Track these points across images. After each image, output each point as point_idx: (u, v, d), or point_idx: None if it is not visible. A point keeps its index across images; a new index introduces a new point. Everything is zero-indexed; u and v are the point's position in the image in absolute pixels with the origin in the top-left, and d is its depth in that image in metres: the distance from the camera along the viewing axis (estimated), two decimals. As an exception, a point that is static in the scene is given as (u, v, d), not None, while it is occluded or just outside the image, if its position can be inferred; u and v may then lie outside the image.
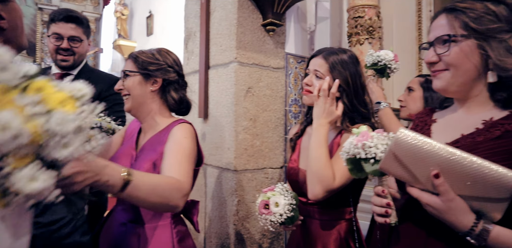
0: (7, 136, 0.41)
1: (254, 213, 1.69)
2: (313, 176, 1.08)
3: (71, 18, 1.59)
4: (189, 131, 1.10)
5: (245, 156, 1.66)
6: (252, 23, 1.71)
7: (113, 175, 0.76)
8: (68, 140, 0.48)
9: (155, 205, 0.87)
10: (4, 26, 0.82)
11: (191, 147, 1.06)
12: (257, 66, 1.73)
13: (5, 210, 0.50)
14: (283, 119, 1.83)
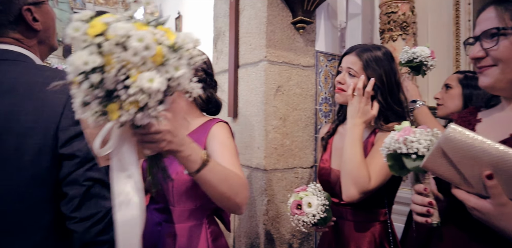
0: (141, 45, 0.54)
1: (284, 213, 1.68)
2: (347, 177, 1.06)
3: None
4: (228, 131, 1.11)
5: (275, 155, 1.65)
6: (281, 21, 1.70)
7: (196, 152, 0.79)
8: (179, 64, 0.59)
9: (223, 196, 0.88)
10: (38, 28, 0.86)
11: (234, 147, 1.07)
12: (287, 64, 1.71)
13: (117, 124, 0.59)
14: (313, 118, 1.80)
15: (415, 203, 0.75)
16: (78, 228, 0.73)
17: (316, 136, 1.82)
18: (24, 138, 0.73)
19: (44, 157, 0.74)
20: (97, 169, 0.78)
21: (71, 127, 0.76)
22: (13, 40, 0.83)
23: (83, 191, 0.74)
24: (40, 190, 0.75)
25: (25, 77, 0.77)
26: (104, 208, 0.76)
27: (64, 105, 0.76)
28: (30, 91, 0.76)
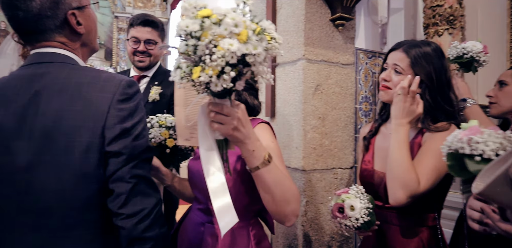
0: (232, 22, 0.66)
1: (323, 214, 1.64)
2: (394, 181, 1.01)
3: (147, 22, 1.68)
4: (271, 133, 1.08)
5: (314, 155, 1.62)
6: (320, 19, 1.66)
7: (260, 150, 0.84)
8: (257, 44, 0.68)
9: (274, 200, 0.88)
10: (81, 31, 0.89)
11: (279, 149, 1.05)
12: (326, 62, 1.67)
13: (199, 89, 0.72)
14: (353, 118, 1.75)
15: (472, 209, 0.70)
16: (125, 224, 0.75)
17: (356, 136, 1.76)
18: (73, 137, 0.76)
19: (92, 155, 0.76)
20: (141, 167, 0.79)
21: (116, 125, 0.78)
22: (59, 44, 0.87)
23: (129, 188, 0.76)
24: (88, 187, 0.77)
25: (72, 78, 0.80)
26: (150, 204, 0.77)
27: (109, 104, 0.78)
28: (78, 91, 0.78)
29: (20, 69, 0.85)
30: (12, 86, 0.80)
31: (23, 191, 0.76)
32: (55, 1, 0.82)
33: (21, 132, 0.76)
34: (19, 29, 0.84)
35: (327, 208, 1.65)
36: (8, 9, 0.81)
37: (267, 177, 0.86)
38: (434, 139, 1.04)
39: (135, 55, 1.72)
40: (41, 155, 0.75)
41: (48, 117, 0.76)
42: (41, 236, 0.76)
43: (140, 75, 1.77)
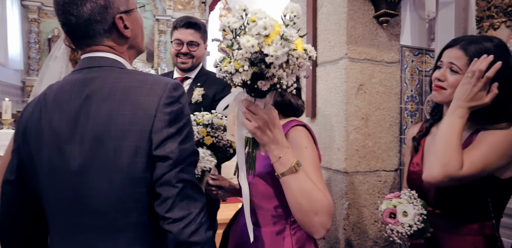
0: (262, 24, 0.73)
1: (366, 218, 1.59)
2: (436, 157, 0.94)
3: (190, 24, 1.71)
4: (306, 137, 1.04)
5: (356, 157, 1.57)
6: (363, 16, 1.60)
7: (287, 157, 0.86)
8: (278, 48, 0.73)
9: (301, 209, 0.89)
10: (128, 35, 0.90)
11: (314, 156, 1.02)
12: (369, 61, 1.61)
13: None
14: (398, 118, 1.68)
15: None
16: (172, 228, 0.75)
17: (401, 137, 1.69)
18: (121, 141, 0.77)
19: (140, 159, 0.77)
20: (188, 171, 0.79)
21: (163, 129, 0.78)
22: (107, 48, 0.88)
23: (176, 192, 0.76)
24: (136, 190, 0.78)
25: (120, 82, 0.81)
26: (196, 209, 0.77)
27: (156, 108, 0.79)
28: (126, 95, 0.79)
29: (71, 74, 0.88)
30: (65, 91, 0.83)
31: (76, 193, 0.78)
32: (104, 6, 0.84)
33: (74, 136, 0.79)
34: (71, 34, 0.87)
35: (370, 212, 1.60)
36: (62, 15, 0.84)
37: (293, 184, 0.87)
38: (490, 133, 0.97)
39: (178, 57, 1.76)
40: (92, 158, 0.77)
41: (98, 121, 0.78)
42: (93, 237, 0.78)
43: (183, 77, 1.81)
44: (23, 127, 0.86)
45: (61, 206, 0.81)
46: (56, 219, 0.83)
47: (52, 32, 7.59)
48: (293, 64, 0.75)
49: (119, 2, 0.87)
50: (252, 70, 0.75)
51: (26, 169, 0.85)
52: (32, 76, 7.35)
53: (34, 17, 7.38)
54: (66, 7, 0.82)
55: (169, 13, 8.35)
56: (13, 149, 0.88)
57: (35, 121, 0.83)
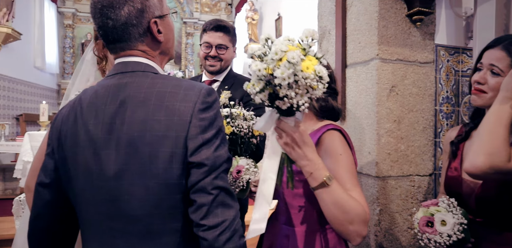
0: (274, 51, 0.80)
1: (399, 224, 1.53)
2: (481, 145, 0.88)
3: (219, 28, 1.71)
4: (340, 142, 1.04)
5: (388, 161, 1.52)
6: (395, 15, 1.55)
7: (319, 173, 0.90)
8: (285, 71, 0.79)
9: (335, 219, 0.92)
10: (161, 39, 0.90)
11: (350, 162, 1.02)
12: (402, 61, 1.55)
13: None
14: (432, 120, 1.61)
15: None
16: (207, 236, 0.74)
17: (436, 140, 1.62)
18: (156, 147, 0.76)
19: (175, 165, 0.77)
20: (222, 178, 0.78)
21: (199, 135, 0.77)
22: (140, 52, 0.87)
23: (211, 200, 0.75)
24: (171, 197, 0.78)
25: (155, 88, 0.81)
26: (230, 216, 0.76)
27: (191, 114, 0.78)
28: (161, 101, 0.79)
29: (106, 79, 0.88)
30: (100, 96, 0.83)
31: (112, 198, 0.78)
32: (141, 9, 0.84)
33: (109, 141, 0.79)
34: (107, 38, 0.87)
35: (403, 218, 1.54)
36: (99, 18, 0.84)
37: (326, 197, 0.91)
38: None
39: (207, 60, 1.76)
40: (127, 164, 0.77)
41: (133, 127, 0.78)
42: (128, 242, 0.78)
43: (211, 80, 1.81)
44: (57, 130, 0.86)
45: (95, 211, 0.81)
46: (90, 224, 0.83)
47: (85, 37, 7.89)
48: (303, 85, 0.80)
49: (154, 6, 0.88)
50: (268, 91, 0.83)
51: (60, 172, 0.86)
52: (66, 79, 7.67)
53: (69, 22, 7.70)
54: (104, 10, 0.83)
55: (196, 16, 8.48)
56: (47, 152, 0.88)
57: (70, 125, 0.84)
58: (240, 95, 1.72)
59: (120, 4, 0.82)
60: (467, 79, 1.68)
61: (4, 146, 4.36)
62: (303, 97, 0.81)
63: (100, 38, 0.90)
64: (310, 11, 3.87)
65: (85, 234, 0.85)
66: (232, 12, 8.55)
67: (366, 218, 0.91)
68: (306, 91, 0.81)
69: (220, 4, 8.59)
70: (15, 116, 5.66)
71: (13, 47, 5.43)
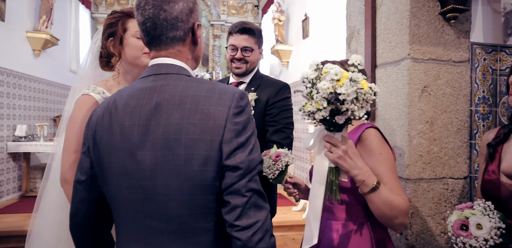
0: (333, 72, 0.92)
1: (431, 228, 1.49)
2: None
3: (244, 30, 1.73)
4: (379, 140, 1.11)
5: (420, 163, 1.48)
6: (427, 13, 1.51)
7: (369, 179, 1.00)
8: (348, 88, 0.90)
9: (384, 216, 1.02)
10: (197, 41, 0.92)
11: (389, 159, 1.09)
12: (434, 61, 1.51)
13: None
14: (467, 122, 1.55)
15: None
16: (240, 236, 0.76)
17: (472, 142, 1.56)
18: (192, 149, 0.78)
19: (210, 168, 0.78)
20: (255, 180, 0.79)
21: (233, 139, 0.79)
22: (176, 52, 0.89)
23: (245, 201, 0.77)
24: (204, 198, 0.79)
25: (189, 91, 0.82)
26: (262, 217, 0.77)
27: (226, 118, 0.79)
28: (195, 104, 0.80)
29: (139, 80, 0.90)
30: (135, 98, 0.85)
31: (147, 197, 0.81)
32: (191, 9, 0.88)
33: (145, 142, 0.80)
34: (154, 31, 0.87)
35: (436, 222, 1.49)
36: (151, 9, 0.85)
37: (376, 200, 1.00)
38: None
39: (233, 62, 1.78)
40: (163, 165, 0.79)
41: (168, 129, 0.79)
42: (163, 240, 0.81)
43: (238, 82, 1.83)
44: (92, 130, 0.88)
45: (130, 209, 0.84)
46: (125, 221, 0.86)
47: (117, 41, 8.16)
48: (362, 99, 0.92)
49: (198, 12, 0.91)
50: (330, 107, 0.93)
51: (95, 170, 0.89)
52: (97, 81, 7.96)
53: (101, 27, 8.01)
54: (159, 2, 0.84)
55: (223, 18, 8.57)
56: (83, 151, 0.91)
57: (105, 126, 0.86)
58: (267, 96, 1.72)
59: (178, 0, 0.86)
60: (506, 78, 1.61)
61: (43, 146, 4.60)
62: (362, 109, 0.93)
63: (141, 33, 0.90)
64: (337, 11, 3.82)
65: (120, 230, 0.88)
66: (258, 14, 8.58)
67: (408, 211, 1.02)
68: (366, 103, 0.94)
69: (246, 6, 8.64)
70: (53, 118, 5.94)
71: (51, 52, 5.70)
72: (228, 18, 8.55)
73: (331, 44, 4.12)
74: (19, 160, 4.79)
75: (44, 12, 5.16)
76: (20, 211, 3.95)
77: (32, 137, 4.84)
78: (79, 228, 0.94)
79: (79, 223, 0.93)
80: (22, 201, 4.47)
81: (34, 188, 4.93)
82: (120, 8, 8.12)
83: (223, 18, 8.53)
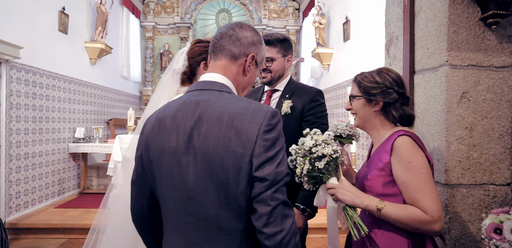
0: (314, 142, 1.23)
1: (470, 234, 1.49)
2: None
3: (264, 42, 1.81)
4: (410, 149, 1.14)
5: (459, 169, 1.49)
6: (467, 20, 1.52)
7: (372, 204, 1.13)
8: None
9: (406, 228, 1.11)
10: (247, 71, 1.10)
11: (419, 166, 1.12)
12: (474, 67, 1.51)
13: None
14: (510, 127, 1.53)
15: None
16: (267, 242, 0.86)
17: (515, 148, 1.53)
18: (227, 160, 0.88)
19: (242, 178, 0.88)
20: (281, 191, 0.89)
21: (262, 153, 0.88)
22: (225, 68, 1.04)
23: (270, 210, 0.86)
24: (236, 203, 0.90)
25: (227, 108, 0.93)
26: (287, 225, 0.87)
27: (257, 134, 0.89)
28: (231, 120, 0.91)
29: (187, 94, 1.03)
30: (181, 110, 0.97)
31: (189, 198, 0.93)
32: (254, 42, 1.06)
33: (188, 150, 0.92)
34: (216, 41, 1.06)
35: (476, 228, 1.49)
36: (226, 28, 1.06)
37: (388, 218, 1.10)
38: None
39: (260, 72, 1.86)
40: (202, 170, 0.90)
41: (208, 139, 0.90)
42: (201, 235, 0.93)
43: (272, 89, 1.91)
44: (145, 137, 1.02)
45: (174, 207, 0.96)
46: (170, 217, 0.98)
47: (163, 47, 8.60)
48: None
49: (260, 51, 1.09)
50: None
51: (146, 172, 1.03)
52: (147, 86, 8.44)
53: (150, 35, 8.48)
54: (235, 26, 1.05)
55: (264, 22, 8.71)
56: (137, 155, 1.06)
57: (156, 134, 0.98)
58: (302, 103, 1.78)
59: (248, 29, 1.06)
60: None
61: (99, 147, 4.99)
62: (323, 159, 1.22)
63: (210, 44, 1.08)
64: (378, 14, 3.80)
65: (166, 225, 1.02)
66: (299, 17, 8.63)
67: (435, 219, 1.05)
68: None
69: (287, 9, 8.73)
70: (106, 121, 6.41)
71: (106, 60, 6.17)
72: (269, 22, 8.68)
73: (372, 47, 4.09)
74: (78, 159, 5.23)
75: (100, 24, 5.61)
76: (79, 206, 4.34)
77: (89, 138, 5.27)
78: (137, 218, 1.10)
79: (137, 215, 1.09)
80: (81, 197, 4.88)
81: (90, 185, 5.36)
82: (166, 16, 8.59)
83: (264, 22, 8.68)
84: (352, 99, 1.32)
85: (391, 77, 1.26)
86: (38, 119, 4.28)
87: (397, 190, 1.16)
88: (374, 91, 1.24)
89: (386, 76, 1.26)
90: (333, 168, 1.23)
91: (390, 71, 1.29)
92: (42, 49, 4.34)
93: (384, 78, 1.25)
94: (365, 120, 1.30)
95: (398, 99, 1.25)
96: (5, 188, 3.70)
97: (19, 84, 3.93)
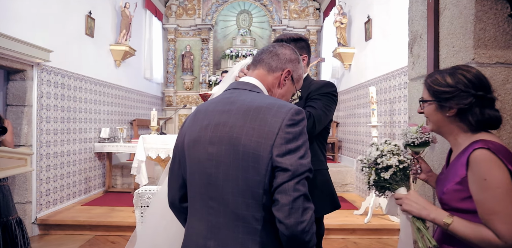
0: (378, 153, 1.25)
1: None
2: None
3: None
4: (485, 164, 1.00)
5: None
6: (495, 16, 1.47)
7: (439, 217, 1.08)
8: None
9: (473, 244, 1.03)
10: (282, 85, 1.18)
11: (495, 185, 0.98)
12: (502, 65, 1.47)
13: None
14: (541, 127, 1.48)
15: None
16: (286, 232, 0.89)
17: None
18: (249, 148, 0.94)
19: (261, 166, 0.93)
20: (303, 184, 0.92)
21: (283, 145, 0.93)
22: (262, 76, 1.14)
23: (291, 200, 0.89)
24: (255, 190, 0.94)
25: (255, 103, 1.02)
26: (307, 217, 0.90)
27: (279, 127, 0.94)
28: (257, 113, 0.98)
29: (223, 92, 1.16)
30: (214, 104, 1.09)
31: (211, 183, 1.00)
32: (292, 59, 1.16)
33: (214, 138, 1.01)
34: (257, 55, 1.18)
35: None
36: (267, 46, 1.20)
37: (455, 234, 1.05)
38: None
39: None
40: (225, 157, 0.97)
41: (233, 129, 0.98)
42: (219, 220, 0.98)
43: None
44: (183, 132, 1.12)
45: (198, 191, 1.03)
46: (194, 201, 1.06)
47: (185, 49, 8.73)
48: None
49: (297, 68, 1.18)
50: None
51: (179, 161, 1.12)
52: (169, 87, 8.59)
53: (172, 37, 8.63)
54: (275, 44, 1.19)
55: (284, 23, 8.71)
56: (175, 146, 1.17)
57: (191, 127, 1.09)
58: (306, 93, 1.75)
59: (288, 48, 1.18)
60: None
61: (123, 147, 5.13)
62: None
63: (252, 59, 1.20)
64: (401, 12, 3.74)
65: (191, 209, 1.09)
66: (320, 17, 8.58)
67: (503, 246, 0.96)
68: None
69: (308, 9, 8.69)
70: (130, 121, 6.57)
71: (129, 62, 6.33)
72: (289, 23, 8.67)
73: (395, 46, 4.02)
74: (103, 159, 5.39)
75: (124, 27, 5.76)
76: (104, 204, 4.47)
77: (114, 138, 5.42)
78: (172, 206, 1.19)
79: (172, 203, 1.18)
80: (106, 196, 5.03)
81: (115, 184, 5.51)
82: (188, 18, 8.72)
83: (284, 23, 8.67)
84: (423, 102, 1.20)
85: (467, 77, 1.09)
86: (66, 120, 4.45)
87: (475, 206, 1.04)
88: (446, 96, 1.10)
89: (461, 77, 1.10)
90: (401, 178, 1.22)
91: (467, 70, 1.12)
92: (70, 52, 4.50)
93: (457, 80, 1.09)
94: (439, 125, 1.18)
95: (476, 103, 1.08)
96: (36, 186, 3.86)
97: (49, 86, 4.10)
